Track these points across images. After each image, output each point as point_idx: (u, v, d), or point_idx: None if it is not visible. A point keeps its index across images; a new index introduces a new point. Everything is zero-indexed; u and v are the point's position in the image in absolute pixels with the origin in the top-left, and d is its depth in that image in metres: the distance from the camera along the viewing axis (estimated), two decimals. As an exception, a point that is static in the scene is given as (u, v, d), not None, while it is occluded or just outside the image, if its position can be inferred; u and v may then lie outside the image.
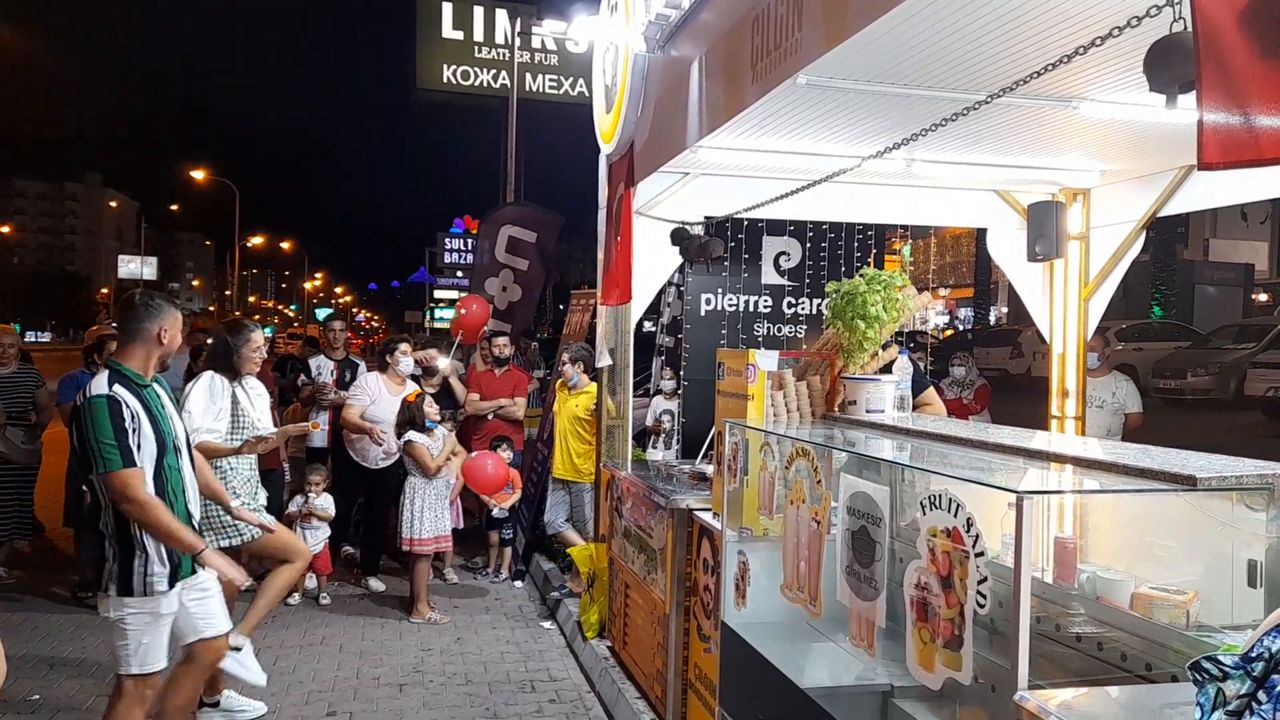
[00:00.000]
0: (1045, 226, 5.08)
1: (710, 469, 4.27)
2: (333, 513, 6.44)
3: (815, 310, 5.92)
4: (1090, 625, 2.43)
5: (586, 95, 9.53)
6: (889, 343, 3.89)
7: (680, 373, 5.96)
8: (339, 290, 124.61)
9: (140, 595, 3.36)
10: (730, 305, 5.89)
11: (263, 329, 4.97)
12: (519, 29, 20.76)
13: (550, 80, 23.45)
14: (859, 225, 5.84)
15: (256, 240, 69.34)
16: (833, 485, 2.81)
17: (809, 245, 5.91)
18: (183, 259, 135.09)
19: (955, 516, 2.12)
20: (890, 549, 2.58)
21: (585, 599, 5.55)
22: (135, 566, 3.36)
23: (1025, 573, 1.88)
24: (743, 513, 3.49)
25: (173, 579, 3.45)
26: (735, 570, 3.43)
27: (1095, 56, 2.59)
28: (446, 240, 29.91)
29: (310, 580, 6.45)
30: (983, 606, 2.04)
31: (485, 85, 23.29)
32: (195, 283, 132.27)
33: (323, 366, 7.42)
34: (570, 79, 23.19)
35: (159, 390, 3.57)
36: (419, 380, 7.56)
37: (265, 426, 4.78)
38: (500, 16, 23.11)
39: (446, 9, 23.19)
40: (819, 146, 4.33)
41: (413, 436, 6.08)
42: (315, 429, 5.61)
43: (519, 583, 7.01)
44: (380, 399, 6.64)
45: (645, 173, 4.93)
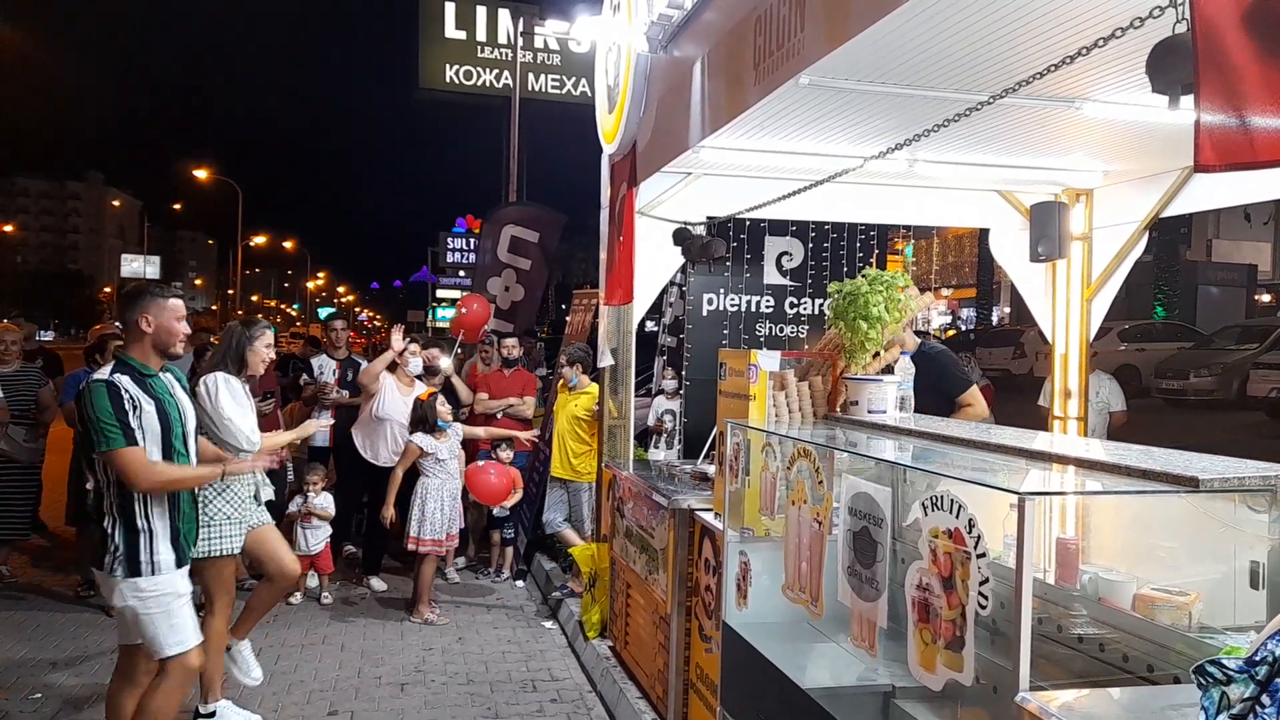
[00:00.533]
0: (1048, 227, 5.08)
1: (712, 469, 4.27)
2: (332, 512, 6.44)
3: (817, 310, 5.91)
4: (1092, 626, 2.43)
5: (589, 95, 9.52)
6: (890, 344, 3.89)
7: (682, 373, 5.96)
8: (341, 289, 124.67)
9: (149, 575, 3.37)
10: (732, 305, 5.89)
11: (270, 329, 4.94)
12: (521, 29, 20.80)
13: (553, 80, 23.48)
14: (861, 225, 5.84)
15: (259, 239, 69.35)
16: (834, 486, 2.81)
17: (811, 245, 5.90)
18: (185, 258, 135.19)
19: (957, 517, 2.12)
20: (892, 550, 2.58)
21: (587, 599, 5.55)
22: (141, 545, 3.37)
23: (1027, 574, 1.88)
24: (744, 513, 3.49)
25: (179, 561, 3.46)
26: (737, 570, 3.43)
27: (1098, 57, 2.59)
28: (449, 240, 29.88)
29: (312, 579, 6.46)
30: (984, 607, 2.04)
31: (488, 85, 23.32)
32: (198, 282, 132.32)
33: (325, 366, 7.42)
34: (573, 79, 23.23)
35: (169, 379, 3.56)
36: (422, 379, 7.57)
37: (250, 429, 4.73)
38: (503, 16, 23.15)
39: (449, 9, 23.23)
40: (821, 147, 4.33)
41: (415, 439, 6.06)
42: (311, 431, 5.57)
43: (520, 582, 7.02)
44: (390, 398, 6.65)
45: (648, 173, 4.93)
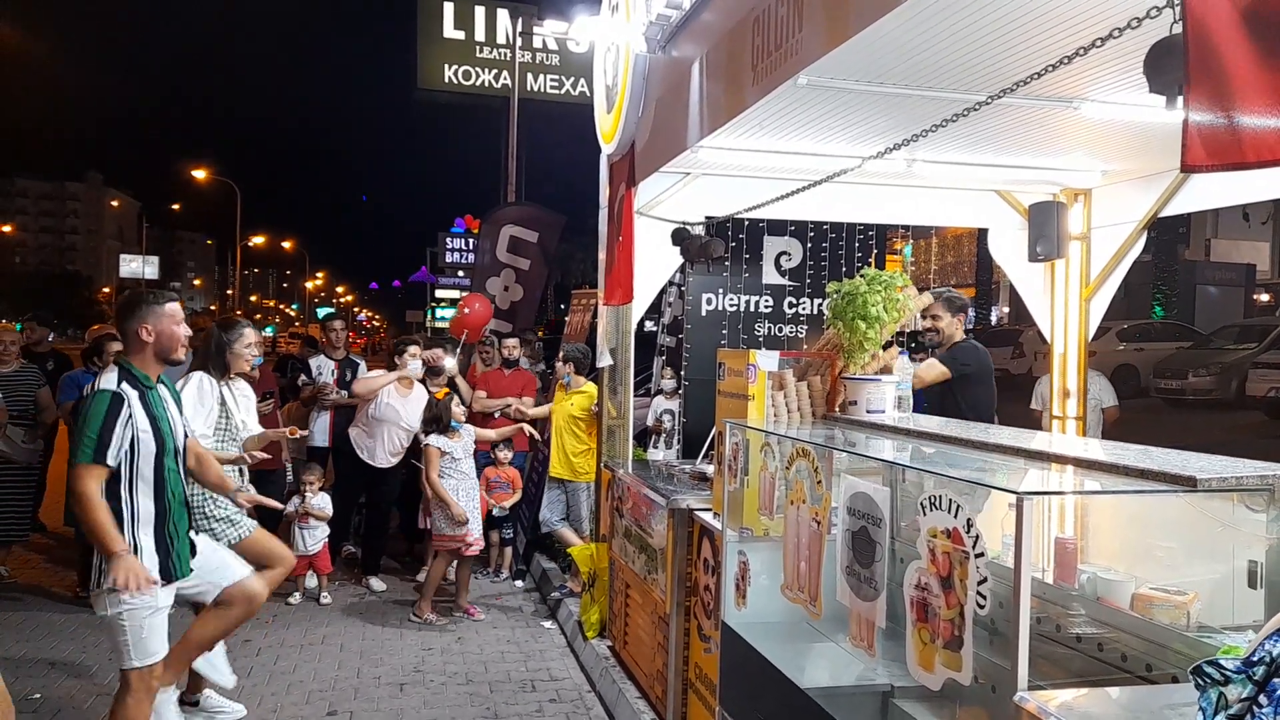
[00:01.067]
0: (1046, 227, 5.08)
1: (711, 469, 4.27)
2: (330, 512, 6.44)
3: (816, 310, 5.92)
4: (1090, 626, 2.44)
5: (587, 95, 9.53)
6: (889, 343, 3.89)
7: (681, 372, 5.96)
8: (340, 289, 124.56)
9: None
10: (731, 305, 5.89)
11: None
12: (520, 29, 20.80)
13: (551, 80, 23.48)
14: (860, 225, 5.84)
15: (258, 239, 69.35)
16: (833, 486, 2.81)
17: (810, 245, 5.91)
18: (184, 258, 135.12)
19: (955, 517, 2.12)
20: (890, 549, 2.58)
21: (586, 599, 5.55)
22: None
23: (1025, 573, 1.88)
24: (743, 513, 3.49)
25: (165, 575, 3.44)
26: (736, 570, 3.43)
27: (1096, 57, 2.59)
28: (448, 240, 29.85)
29: (311, 579, 6.46)
30: (983, 607, 2.04)
31: (486, 85, 23.32)
32: (197, 282, 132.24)
33: (323, 366, 7.42)
34: (571, 79, 23.22)
35: (163, 392, 3.56)
36: (424, 382, 7.57)
37: (253, 429, 4.69)
38: (501, 16, 23.14)
39: (448, 9, 23.22)
40: (820, 147, 4.33)
41: (432, 442, 6.01)
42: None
43: (520, 582, 7.02)
44: (387, 400, 6.64)
45: (646, 173, 4.93)
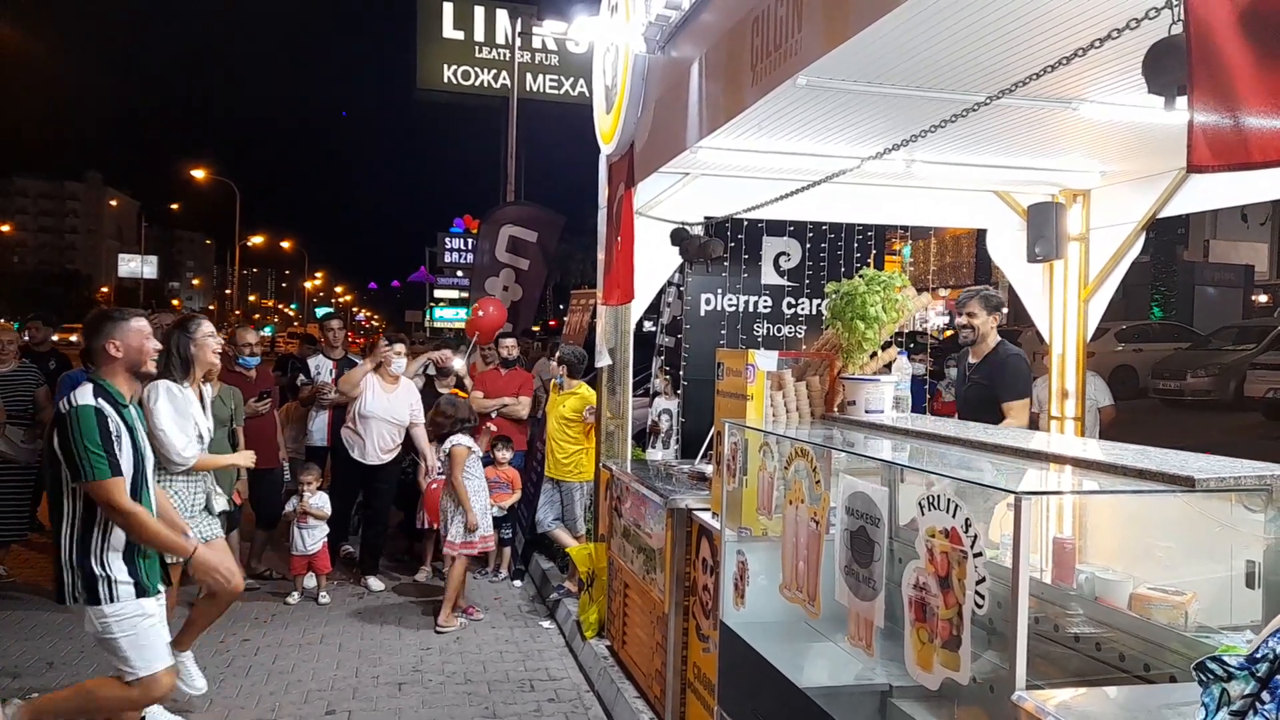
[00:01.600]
0: (1045, 227, 5.08)
1: (709, 469, 4.27)
2: (328, 511, 6.43)
3: (815, 311, 5.92)
4: (1088, 626, 2.44)
5: (587, 95, 9.54)
6: (888, 343, 3.90)
7: (679, 373, 5.96)
8: (339, 289, 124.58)
9: (110, 602, 3.34)
10: (730, 305, 5.89)
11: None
12: (519, 29, 20.82)
13: (550, 80, 23.49)
14: (859, 226, 5.84)
15: (257, 239, 69.31)
16: (831, 485, 2.81)
17: (809, 246, 5.91)
18: (183, 258, 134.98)
19: (953, 517, 2.12)
20: (889, 549, 2.58)
21: (584, 598, 5.55)
22: (97, 574, 3.34)
23: (1023, 573, 1.89)
24: (742, 513, 3.49)
25: (139, 592, 3.41)
26: (734, 570, 3.43)
27: (1094, 58, 2.59)
28: (447, 240, 29.91)
29: (310, 579, 6.46)
30: (981, 607, 2.05)
31: (486, 85, 23.33)
32: (196, 282, 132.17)
33: (322, 366, 7.42)
34: (570, 79, 23.23)
35: (134, 412, 3.56)
36: (434, 381, 7.57)
37: (182, 446, 4.70)
38: (501, 17, 23.15)
39: (447, 9, 23.23)
40: (819, 147, 4.33)
41: (462, 441, 5.98)
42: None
43: (518, 582, 7.02)
44: (372, 396, 6.65)
45: (645, 173, 4.93)
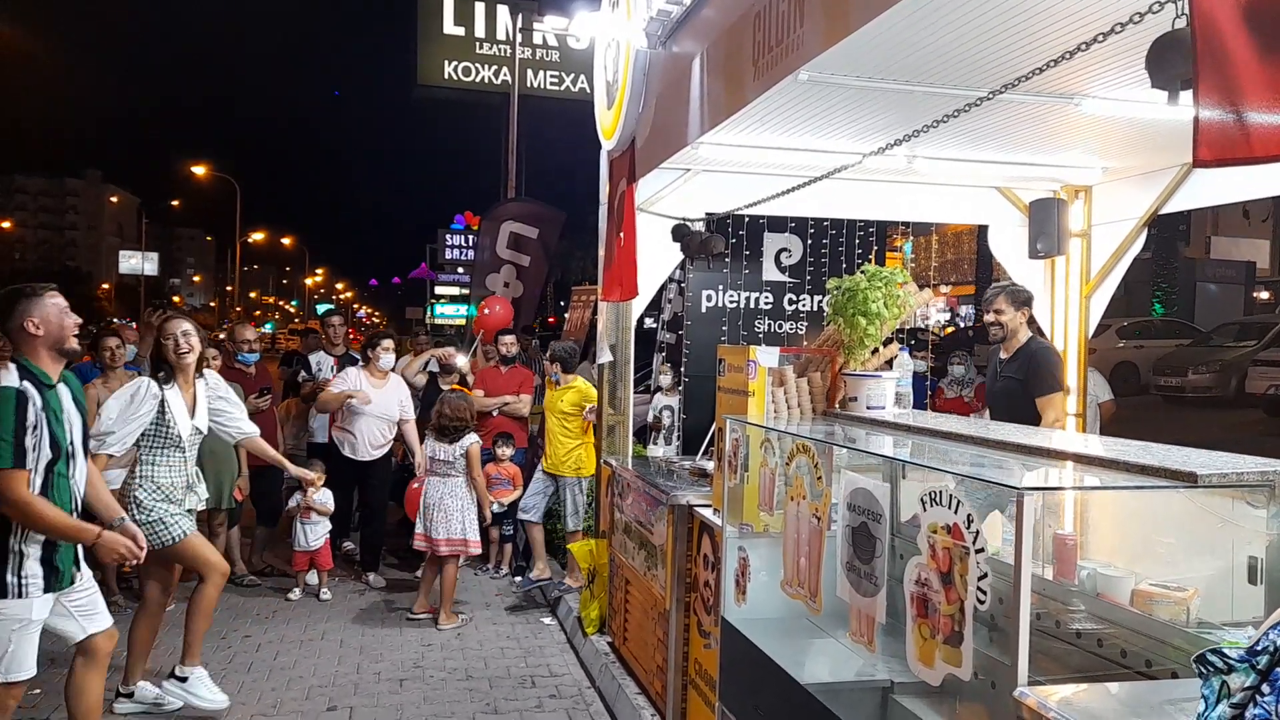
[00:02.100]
0: (1047, 223, 5.08)
1: (711, 465, 4.27)
2: (331, 507, 6.43)
3: (816, 307, 5.91)
4: (1090, 622, 2.44)
5: (588, 91, 9.52)
6: (889, 340, 3.90)
7: (681, 369, 5.96)
8: (340, 286, 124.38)
9: (14, 598, 3.27)
10: (731, 302, 5.89)
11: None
12: (520, 25, 20.77)
13: (551, 76, 23.43)
14: (860, 222, 5.83)
15: (257, 236, 69.12)
16: (833, 481, 2.81)
17: (810, 242, 5.90)
18: (184, 255, 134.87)
19: (955, 513, 2.12)
20: (890, 545, 2.58)
21: (585, 595, 5.56)
22: (9, 565, 3.26)
23: (1026, 569, 1.88)
24: (743, 509, 3.50)
25: (49, 585, 3.34)
26: (735, 566, 3.43)
27: (1097, 53, 2.58)
28: (448, 236, 29.86)
29: (311, 576, 6.46)
30: (983, 603, 2.05)
31: (486, 81, 23.26)
32: (196, 278, 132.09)
33: (323, 363, 7.42)
34: (571, 75, 23.16)
35: (63, 393, 3.43)
36: (437, 378, 7.57)
37: (241, 425, 4.79)
38: (501, 12, 23.08)
39: (448, 5, 23.16)
40: (820, 143, 4.33)
41: (474, 438, 6.00)
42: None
43: (519, 578, 7.01)
44: (363, 391, 6.64)
45: (646, 169, 4.92)
